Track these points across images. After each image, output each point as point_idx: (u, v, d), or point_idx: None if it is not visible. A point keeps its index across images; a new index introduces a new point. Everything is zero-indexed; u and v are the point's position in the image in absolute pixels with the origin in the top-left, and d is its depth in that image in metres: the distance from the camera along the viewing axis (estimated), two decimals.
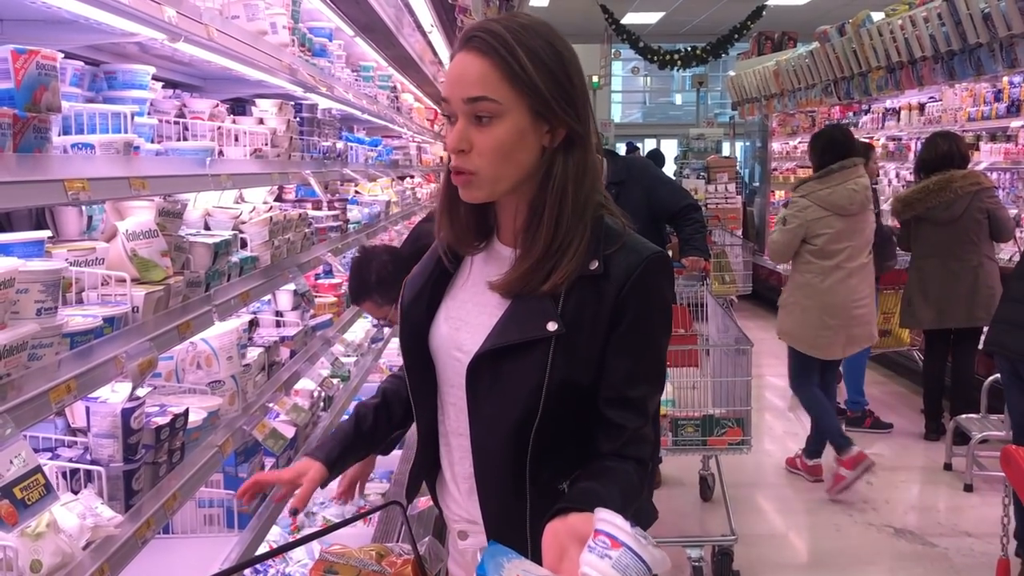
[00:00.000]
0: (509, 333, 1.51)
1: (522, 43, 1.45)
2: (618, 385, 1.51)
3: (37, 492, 1.38)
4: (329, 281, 3.76)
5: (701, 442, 3.85)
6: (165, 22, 1.86)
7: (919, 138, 8.68)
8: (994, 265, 5.54)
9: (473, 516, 1.64)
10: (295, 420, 2.84)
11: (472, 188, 1.50)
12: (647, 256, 1.52)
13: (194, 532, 2.49)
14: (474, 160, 1.47)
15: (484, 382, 1.54)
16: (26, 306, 1.49)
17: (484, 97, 1.44)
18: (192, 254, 2.20)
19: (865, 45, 8.47)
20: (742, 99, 13.43)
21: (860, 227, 4.91)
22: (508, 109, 1.45)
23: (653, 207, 4.57)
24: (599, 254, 1.51)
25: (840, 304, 4.87)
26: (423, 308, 1.66)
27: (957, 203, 5.42)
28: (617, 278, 1.50)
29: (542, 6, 15.91)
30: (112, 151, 1.80)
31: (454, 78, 1.47)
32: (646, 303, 1.51)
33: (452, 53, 1.53)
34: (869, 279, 5.01)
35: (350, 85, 4.02)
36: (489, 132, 1.46)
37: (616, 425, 1.52)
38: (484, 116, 1.45)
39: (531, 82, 1.45)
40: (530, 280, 1.51)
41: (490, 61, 1.44)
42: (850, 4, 14.60)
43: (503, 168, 1.48)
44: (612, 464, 1.50)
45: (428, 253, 1.74)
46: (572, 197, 1.51)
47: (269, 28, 2.70)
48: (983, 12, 6.30)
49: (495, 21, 1.49)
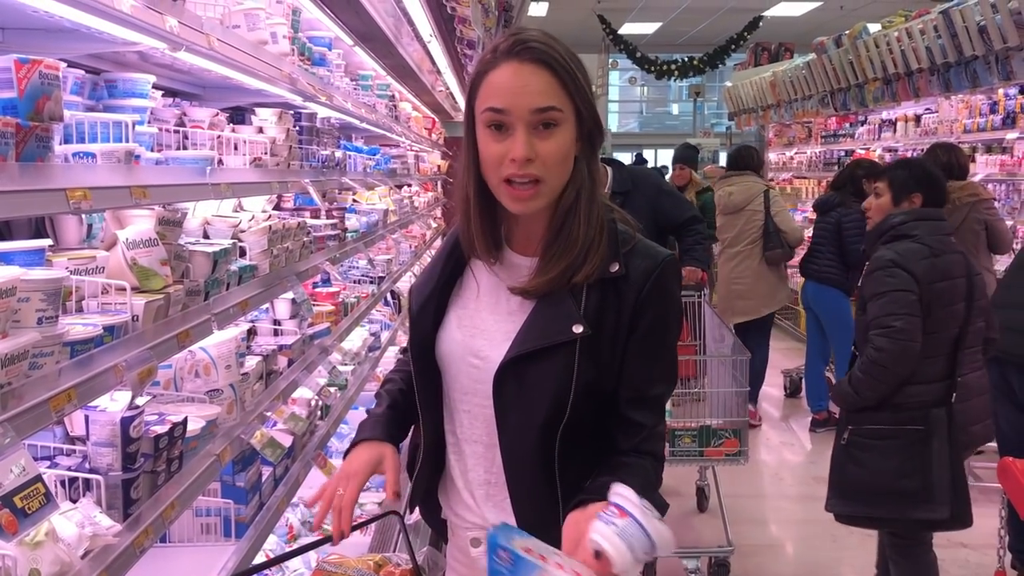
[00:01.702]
0: (535, 338, 1.55)
1: (568, 55, 1.52)
2: (638, 385, 1.57)
3: (37, 501, 1.38)
4: (327, 290, 3.75)
5: (698, 453, 3.85)
6: (166, 31, 1.87)
7: (915, 150, 8.71)
8: (992, 277, 5.55)
9: (489, 522, 1.64)
10: (293, 429, 2.83)
11: (537, 197, 1.53)
12: (662, 260, 1.58)
13: (192, 541, 2.48)
14: (538, 167, 1.50)
15: (510, 388, 1.56)
16: (27, 315, 1.49)
17: (552, 107, 1.49)
18: (191, 263, 2.20)
19: (862, 57, 8.52)
20: (739, 110, 13.48)
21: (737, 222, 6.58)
22: (567, 118, 1.51)
23: (657, 218, 4.60)
24: (619, 256, 1.56)
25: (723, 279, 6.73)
26: (430, 317, 1.68)
27: (954, 214, 5.44)
28: (636, 281, 1.55)
29: (540, 16, 15.95)
30: (113, 160, 1.80)
31: (517, 88, 1.49)
32: (663, 306, 1.57)
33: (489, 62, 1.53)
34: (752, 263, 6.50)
35: (349, 94, 4.03)
36: (552, 140, 1.50)
37: (636, 423, 1.57)
38: (550, 124, 1.50)
39: (582, 93, 1.52)
40: (557, 283, 1.55)
41: (551, 71, 1.49)
42: (847, 16, 14.68)
43: (561, 175, 1.54)
44: (630, 460, 1.56)
45: (432, 261, 1.76)
46: (595, 201, 1.57)
47: (269, 38, 2.71)
48: (979, 25, 6.34)
49: (530, 35, 1.52)
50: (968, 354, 3.21)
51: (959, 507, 3.12)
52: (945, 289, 3.14)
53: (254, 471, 2.56)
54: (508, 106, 1.49)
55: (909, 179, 3.37)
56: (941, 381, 3.16)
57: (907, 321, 3.08)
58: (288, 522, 3.20)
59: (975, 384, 3.23)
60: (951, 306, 3.16)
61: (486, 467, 1.65)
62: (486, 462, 1.65)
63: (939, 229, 3.24)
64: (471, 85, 1.57)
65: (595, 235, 1.55)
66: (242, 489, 2.47)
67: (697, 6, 16.12)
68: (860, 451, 3.18)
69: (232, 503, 2.45)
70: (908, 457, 3.09)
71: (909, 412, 3.12)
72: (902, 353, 3.07)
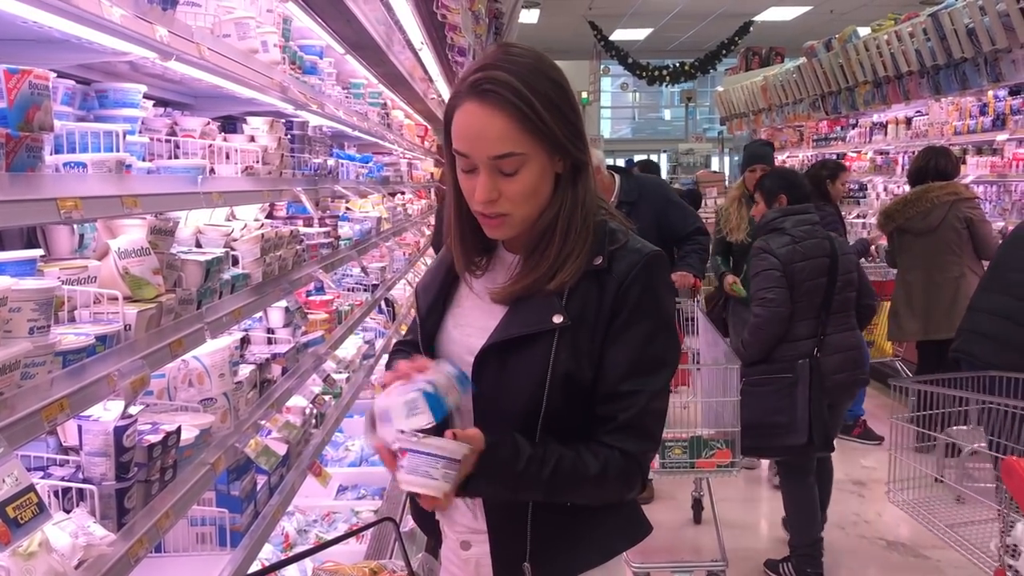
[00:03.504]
0: (514, 326, 1.56)
1: (535, 90, 1.48)
2: (611, 379, 1.56)
3: (30, 511, 1.37)
4: (320, 298, 3.75)
5: (689, 464, 3.76)
6: (156, 41, 1.87)
7: (906, 152, 8.75)
8: (977, 278, 5.57)
9: (477, 525, 1.66)
10: (287, 437, 2.83)
11: (505, 228, 1.55)
12: (647, 253, 1.58)
13: (186, 550, 2.47)
14: (504, 205, 1.52)
15: (490, 377, 1.57)
16: (19, 325, 1.49)
17: (510, 153, 1.48)
18: (184, 272, 2.20)
19: (852, 60, 8.55)
20: (730, 114, 13.52)
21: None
22: (531, 157, 1.50)
23: (663, 229, 4.63)
24: (604, 251, 1.57)
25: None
26: (437, 316, 1.71)
27: (934, 212, 5.48)
28: (619, 273, 1.55)
29: (531, 23, 15.99)
30: (104, 169, 1.80)
31: (474, 134, 1.49)
32: (643, 296, 1.56)
33: (456, 97, 1.52)
34: None
35: (341, 102, 4.04)
36: (516, 180, 1.51)
37: (603, 418, 1.56)
38: (509, 169, 1.50)
39: (549, 130, 1.49)
40: (532, 288, 1.56)
41: (508, 115, 1.47)
42: (837, 19, 14.75)
43: (531, 206, 1.55)
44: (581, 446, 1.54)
45: (436, 262, 1.78)
46: (581, 216, 1.57)
47: (260, 46, 2.71)
48: (967, 27, 6.38)
49: (497, 66, 1.49)
50: (834, 318, 3.99)
51: (817, 436, 3.91)
52: (806, 267, 3.93)
53: (249, 480, 2.55)
54: (468, 151, 1.50)
55: (774, 186, 4.30)
56: (808, 339, 3.98)
57: (776, 293, 3.93)
58: (284, 531, 3.20)
59: (839, 343, 4.00)
60: (813, 280, 3.95)
61: None
62: None
63: (804, 221, 4.05)
64: (445, 118, 1.57)
65: (573, 248, 1.56)
66: (237, 498, 2.46)
67: (688, 11, 16.17)
68: (748, 396, 3.82)
69: (227, 512, 2.44)
70: (779, 399, 3.91)
71: (781, 364, 3.96)
72: (774, 317, 3.94)
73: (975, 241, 5.50)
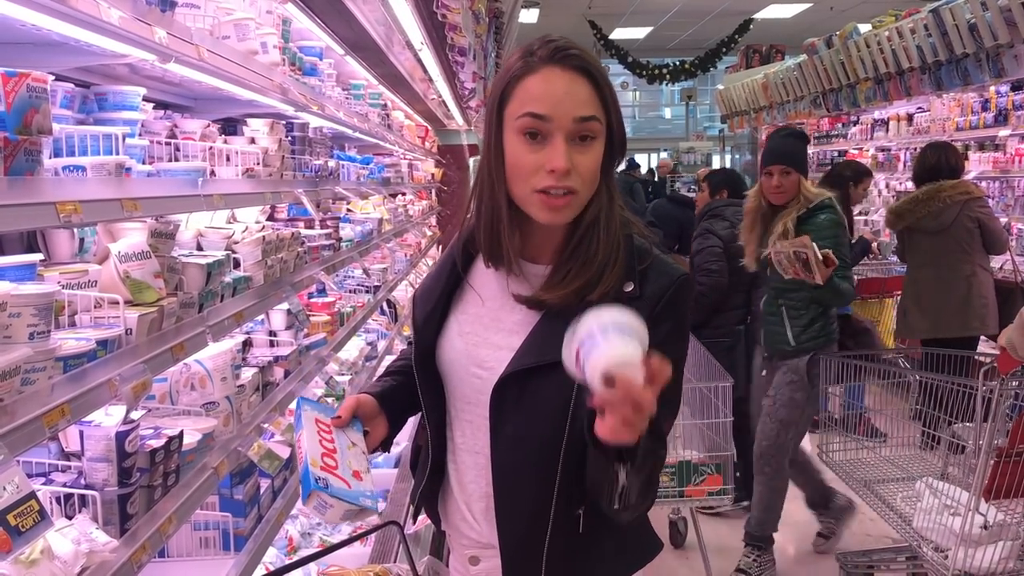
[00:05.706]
0: (540, 352, 1.49)
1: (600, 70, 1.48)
2: None
3: (31, 519, 1.36)
4: (322, 300, 3.74)
5: (678, 493, 3.55)
6: (156, 43, 1.86)
7: (908, 149, 8.73)
8: (988, 275, 5.55)
9: (487, 539, 1.61)
10: (290, 440, 2.82)
11: (569, 209, 1.49)
12: (677, 278, 1.54)
13: (190, 555, 2.46)
14: (574, 179, 1.46)
15: (510, 401, 1.52)
16: (19, 330, 1.47)
17: (594, 117, 1.46)
18: (185, 275, 2.18)
19: (853, 57, 8.52)
20: (731, 112, 13.49)
21: None
22: (602, 131, 1.48)
23: None
24: (634, 275, 1.52)
25: None
26: (434, 326, 1.64)
27: (946, 212, 5.44)
28: (650, 299, 1.50)
29: (531, 23, 15.98)
30: (104, 173, 1.79)
31: (561, 94, 1.44)
32: (673, 325, 1.51)
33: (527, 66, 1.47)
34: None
35: (341, 103, 4.03)
36: (588, 154, 1.47)
37: None
38: (587, 137, 1.46)
39: (616, 107, 1.49)
40: (571, 299, 1.49)
41: (590, 82, 1.46)
42: (837, 16, 14.73)
43: (592, 189, 1.51)
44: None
45: (436, 268, 1.72)
46: (614, 216, 1.53)
47: (260, 48, 2.70)
48: (969, 23, 6.35)
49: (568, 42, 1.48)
50: (759, 292, 4.53)
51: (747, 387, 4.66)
52: (740, 247, 4.39)
53: (252, 483, 2.54)
54: (550, 113, 1.44)
55: (719, 181, 5.25)
56: (740, 309, 4.94)
57: (718, 265, 4.79)
58: (288, 534, 3.19)
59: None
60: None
61: (487, 480, 1.59)
62: (488, 474, 1.58)
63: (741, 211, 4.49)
64: (500, 91, 1.50)
65: (613, 252, 1.51)
66: (240, 502, 2.45)
67: (687, 10, 16.16)
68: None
69: (231, 516, 2.43)
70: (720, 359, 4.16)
71: (721, 329, 4.87)
72: (715, 285, 4.80)
73: (985, 237, 5.47)
